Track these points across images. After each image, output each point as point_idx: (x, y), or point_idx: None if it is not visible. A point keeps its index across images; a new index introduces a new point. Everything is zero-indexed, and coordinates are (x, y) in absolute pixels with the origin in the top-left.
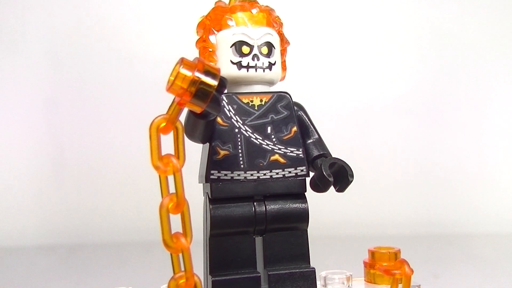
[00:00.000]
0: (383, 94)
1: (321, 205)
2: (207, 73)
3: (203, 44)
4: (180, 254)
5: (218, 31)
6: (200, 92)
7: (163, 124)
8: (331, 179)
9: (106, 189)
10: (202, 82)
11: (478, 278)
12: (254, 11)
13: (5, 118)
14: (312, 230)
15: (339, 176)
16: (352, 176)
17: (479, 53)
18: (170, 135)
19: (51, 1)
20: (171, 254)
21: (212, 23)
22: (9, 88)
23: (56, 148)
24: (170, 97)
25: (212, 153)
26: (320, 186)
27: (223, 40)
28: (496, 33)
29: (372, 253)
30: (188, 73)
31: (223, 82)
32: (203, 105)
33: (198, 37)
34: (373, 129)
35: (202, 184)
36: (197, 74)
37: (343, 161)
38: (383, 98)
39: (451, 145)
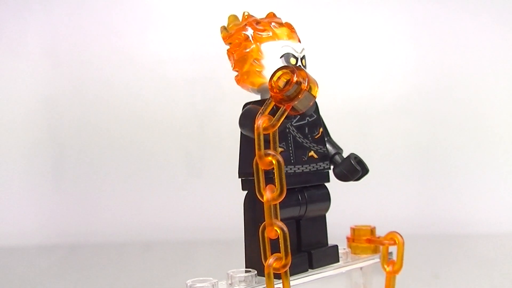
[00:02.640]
0: (383, 93)
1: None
2: (311, 81)
3: (248, 53)
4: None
5: (261, 42)
6: (306, 98)
7: (265, 124)
8: (360, 169)
9: (106, 189)
10: (310, 89)
11: (478, 278)
12: (290, 29)
13: (5, 118)
14: None
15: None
16: (368, 169)
17: (479, 53)
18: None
19: (51, 1)
20: (265, 240)
21: (255, 34)
22: (9, 88)
23: (56, 148)
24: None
25: None
26: (349, 176)
27: (271, 51)
28: (497, 32)
29: (354, 230)
30: (302, 81)
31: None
32: (305, 109)
33: (231, 45)
34: (373, 129)
35: (242, 179)
36: (306, 83)
37: (360, 157)
38: (383, 98)
39: (451, 145)
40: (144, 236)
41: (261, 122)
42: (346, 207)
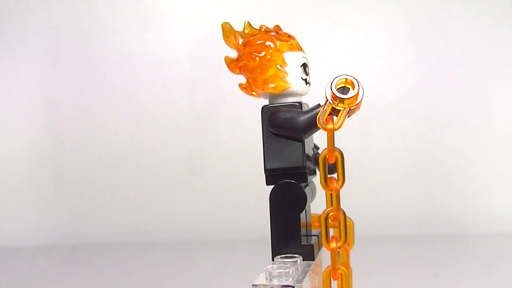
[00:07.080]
0: (383, 93)
1: (318, 204)
2: (363, 91)
3: (271, 59)
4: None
5: (283, 51)
6: (360, 105)
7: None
8: None
9: (106, 189)
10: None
11: (478, 278)
12: (297, 40)
13: (5, 118)
14: None
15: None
16: None
17: (479, 52)
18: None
19: (51, 1)
20: (327, 225)
21: (279, 44)
22: (9, 88)
23: (56, 148)
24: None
25: (303, 149)
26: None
27: (293, 60)
28: (497, 32)
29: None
30: (361, 93)
31: None
32: (353, 113)
33: (245, 54)
34: (373, 128)
35: (267, 174)
36: (363, 93)
37: None
38: (383, 98)
39: (451, 145)
40: (144, 236)
41: (331, 123)
42: (345, 206)
